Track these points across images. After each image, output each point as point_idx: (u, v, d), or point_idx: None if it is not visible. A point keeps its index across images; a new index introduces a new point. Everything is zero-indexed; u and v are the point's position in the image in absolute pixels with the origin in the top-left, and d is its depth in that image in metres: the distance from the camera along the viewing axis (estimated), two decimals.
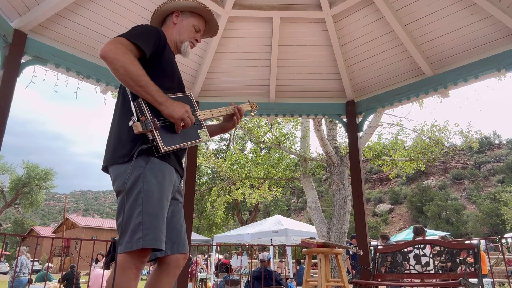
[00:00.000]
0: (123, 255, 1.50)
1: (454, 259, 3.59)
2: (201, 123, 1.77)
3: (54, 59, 3.39)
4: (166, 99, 1.59)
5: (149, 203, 1.54)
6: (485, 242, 6.78)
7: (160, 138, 1.55)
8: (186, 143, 1.66)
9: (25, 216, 41.30)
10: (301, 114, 4.60)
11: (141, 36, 1.67)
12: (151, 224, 1.51)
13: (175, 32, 1.97)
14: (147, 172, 1.58)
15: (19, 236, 40.73)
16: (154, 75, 1.68)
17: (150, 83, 1.56)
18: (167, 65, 1.80)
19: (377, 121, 9.18)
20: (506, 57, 3.41)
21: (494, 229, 35.15)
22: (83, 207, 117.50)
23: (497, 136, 59.88)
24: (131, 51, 1.60)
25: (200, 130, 1.75)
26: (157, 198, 1.56)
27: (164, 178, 1.62)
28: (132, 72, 1.53)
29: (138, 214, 1.52)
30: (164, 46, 1.79)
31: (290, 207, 52.81)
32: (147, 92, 1.56)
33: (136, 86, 1.55)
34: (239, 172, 11.60)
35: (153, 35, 1.73)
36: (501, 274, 11.25)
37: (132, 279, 1.50)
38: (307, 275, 3.68)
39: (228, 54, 4.26)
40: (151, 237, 1.49)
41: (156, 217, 1.53)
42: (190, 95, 1.80)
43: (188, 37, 1.98)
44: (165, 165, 1.65)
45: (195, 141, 1.70)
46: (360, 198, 4.17)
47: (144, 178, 1.56)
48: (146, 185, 1.56)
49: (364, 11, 3.80)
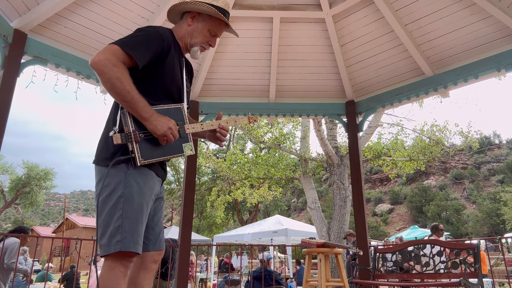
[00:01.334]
0: (107, 259, 1.54)
1: (454, 259, 3.59)
2: (187, 136, 1.76)
3: (54, 59, 3.39)
4: (151, 115, 1.60)
5: (129, 207, 1.56)
6: (485, 242, 6.78)
7: (138, 152, 1.58)
8: (167, 157, 1.69)
9: (25, 216, 41.29)
10: (301, 114, 4.60)
11: (138, 45, 1.63)
12: (131, 228, 1.54)
13: (188, 34, 1.90)
14: (129, 177, 1.60)
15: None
16: (151, 81, 1.69)
17: (135, 99, 1.56)
18: (168, 73, 1.76)
19: (377, 121, 9.18)
20: (506, 57, 3.41)
21: (494, 229, 35.14)
22: (83, 207, 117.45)
23: (497, 136, 59.86)
24: (123, 61, 1.57)
25: (185, 144, 1.74)
26: (138, 203, 1.59)
27: (144, 183, 1.64)
28: (118, 88, 1.53)
29: (118, 217, 1.54)
30: (167, 52, 1.73)
31: (290, 207, 52.80)
32: (132, 108, 1.57)
33: (121, 101, 1.57)
34: (239, 172, 11.59)
35: (154, 44, 1.67)
36: (501, 274, 11.25)
37: (120, 278, 1.53)
38: (307, 275, 3.68)
39: (228, 54, 4.25)
40: (129, 241, 1.52)
41: (135, 221, 1.56)
42: (181, 107, 1.78)
43: (201, 41, 1.90)
44: (147, 171, 1.66)
45: (177, 155, 1.72)
46: (360, 198, 4.17)
47: (126, 183, 1.58)
48: (127, 189, 1.58)
49: (364, 11, 3.80)
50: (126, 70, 1.57)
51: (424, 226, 35.76)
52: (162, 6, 3.57)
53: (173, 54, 1.79)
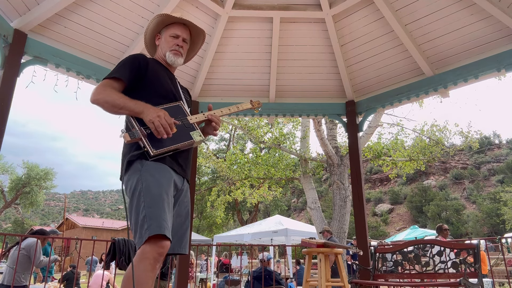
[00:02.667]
0: (140, 247, 1.60)
1: (454, 259, 3.59)
2: (193, 125, 1.89)
3: (54, 59, 3.39)
4: (143, 107, 1.75)
5: (149, 197, 1.66)
6: (485, 242, 6.78)
7: (149, 144, 1.70)
8: (177, 145, 1.78)
9: (25, 216, 41.28)
10: (301, 114, 4.60)
11: (118, 69, 1.89)
12: (153, 214, 1.62)
13: (160, 51, 2.14)
14: (143, 173, 1.73)
15: (19, 236, 40.68)
16: (144, 95, 1.87)
17: (126, 102, 1.75)
18: (154, 83, 1.94)
19: (377, 121, 9.18)
20: (506, 57, 3.41)
21: (494, 229, 35.14)
22: (83, 207, 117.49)
23: (497, 136, 59.87)
24: (111, 86, 1.81)
25: (192, 132, 1.86)
26: (156, 192, 1.68)
27: (160, 175, 1.75)
28: (109, 100, 1.74)
29: (141, 210, 1.65)
30: (146, 68, 1.94)
31: (290, 207, 52.80)
32: (127, 109, 1.75)
33: (119, 110, 1.76)
34: (239, 172, 11.60)
35: (129, 64, 1.91)
36: (501, 274, 11.25)
37: (149, 270, 1.57)
38: (307, 275, 3.68)
39: (228, 54, 4.25)
40: (155, 225, 1.59)
41: (157, 208, 1.64)
42: (180, 104, 1.95)
43: (168, 47, 2.09)
44: (159, 164, 1.77)
45: (187, 142, 1.82)
46: (360, 198, 4.17)
47: (142, 179, 1.71)
48: (144, 183, 1.70)
49: (364, 11, 3.80)
50: (113, 90, 1.80)
51: (424, 226, 35.77)
52: (162, 6, 3.58)
53: (154, 67, 2.00)
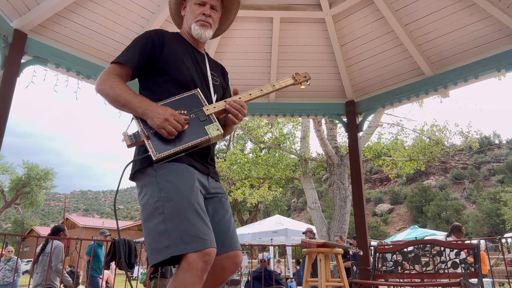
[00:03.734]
0: (185, 257, 1.38)
1: (454, 259, 3.59)
2: (210, 117, 1.58)
3: (54, 59, 3.39)
4: (146, 108, 1.51)
5: (170, 209, 1.43)
6: (485, 242, 6.78)
7: (151, 147, 1.46)
8: (187, 144, 1.49)
9: (25, 216, 41.31)
10: (301, 114, 4.60)
11: (125, 52, 1.65)
12: (177, 229, 1.40)
13: (185, 23, 1.83)
14: (160, 179, 1.49)
15: (19, 236, 40.73)
16: (157, 82, 1.65)
17: (130, 99, 1.52)
18: (170, 66, 1.67)
19: (377, 121, 9.18)
20: (506, 57, 3.41)
21: (494, 229, 35.14)
22: (83, 207, 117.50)
23: (497, 136, 59.89)
24: (118, 74, 1.60)
25: (208, 125, 1.55)
26: (177, 201, 1.45)
27: (179, 178, 1.50)
28: (112, 95, 1.54)
29: (160, 222, 1.43)
30: (161, 47, 1.67)
31: (290, 207, 52.81)
32: (130, 108, 1.53)
33: (120, 107, 1.55)
34: (239, 172, 11.60)
35: (139, 44, 1.66)
36: (501, 274, 11.25)
37: (196, 282, 1.38)
38: (307, 275, 3.68)
39: (228, 54, 4.25)
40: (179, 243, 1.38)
41: (181, 221, 1.42)
42: (196, 93, 1.64)
43: (194, 17, 1.77)
44: (175, 165, 1.52)
45: (201, 139, 1.51)
46: (360, 198, 4.17)
47: (159, 187, 1.48)
48: (162, 192, 1.47)
49: (364, 11, 3.80)
50: (117, 79, 1.58)
51: (424, 226, 35.76)
52: (162, 6, 3.57)
53: (173, 46, 1.72)
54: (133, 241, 4.86)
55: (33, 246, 22.49)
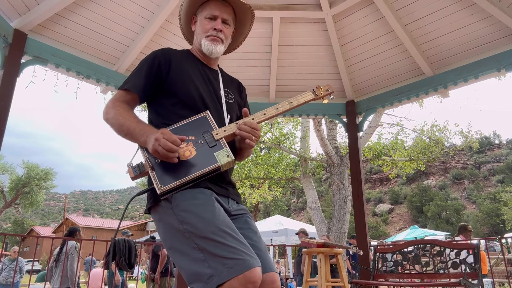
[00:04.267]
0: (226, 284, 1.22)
1: (454, 259, 3.59)
2: (219, 143, 1.45)
3: (54, 59, 3.39)
4: (146, 136, 1.39)
5: (199, 238, 1.30)
6: (485, 242, 6.79)
7: (156, 179, 1.36)
8: (194, 174, 1.37)
9: (25, 216, 41.31)
10: (301, 114, 4.60)
11: (131, 77, 1.57)
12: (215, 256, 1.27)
13: (195, 39, 1.75)
14: (177, 210, 1.36)
15: (19, 236, 40.74)
16: (165, 104, 1.57)
17: (131, 128, 1.43)
18: (178, 87, 1.57)
19: (377, 121, 9.18)
20: (506, 57, 3.41)
21: (494, 229, 35.16)
22: (83, 207, 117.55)
23: (497, 136, 59.94)
24: (125, 100, 1.53)
25: (217, 152, 1.43)
26: (204, 229, 1.31)
27: (196, 205, 1.37)
28: (116, 124, 1.46)
29: (197, 254, 1.29)
30: (168, 68, 1.58)
31: (290, 207, 52.83)
32: (133, 137, 1.44)
33: (125, 136, 1.46)
34: (239, 172, 11.59)
35: (144, 67, 1.57)
36: (501, 274, 11.25)
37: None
38: (307, 275, 3.68)
39: (228, 54, 4.23)
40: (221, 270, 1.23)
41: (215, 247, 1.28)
42: (206, 115, 1.52)
43: (204, 32, 1.68)
44: (189, 191, 1.40)
45: (210, 168, 1.39)
46: (360, 198, 4.17)
47: (179, 219, 1.35)
48: (185, 225, 1.33)
49: (364, 11, 3.80)
50: (122, 106, 1.50)
51: (424, 226, 35.79)
52: (162, 6, 3.57)
53: (181, 65, 1.63)
54: (133, 241, 4.87)
55: (33, 246, 22.35)
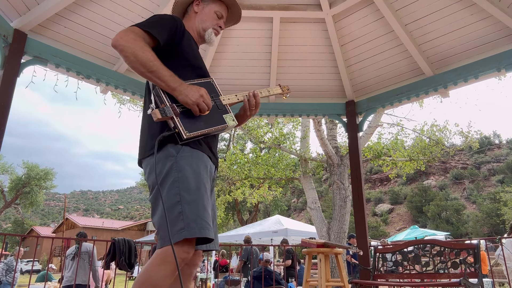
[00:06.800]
0: (164, 248, 1.40)
1: (454, 259, 3.59)
2: (226, 108, 1.68)
3: (54, 59, 3.39)
4: (180, 84, 1.52)
5: (186, 191, 1.44)
6: (485, 242, 6.79)
7: (181, 125, 1.47)
8: (211, 129, 1.56)
9: (25, 216, 41.31)
10: (301, 114, 4.60)
11: (154, 24, 1.62)
12: (192, 213, 1.42)
13: (197, 21, 1.89)
14: (180, 160, 1.49)
15: (19, 236, 40.74)
16: (175, 65, 1.63)
17: (161, 68, 1.50)
18: (188, 53, 1.72)
19: (377, 121, 9.17)
20: (506, 57, 3.41)
21: (494, 229, 35.14)
22: (83, 207, 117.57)
23: (497, 136, 59.92)
24: (144, 39, 1.55)
25: (225, 115, 1.65)
26: (195, 186, 1.47)
27: (198, 165, 1.53)
28: (142, 57, 1.48)
29: (176, 204, 1.43)
30: (182, 35, 1.71)
31: (290, 207, 52.83)
32: (159, 78, 1.49)
33: (147, 73, 1.49)
34: (239, 172, 11.59)
35: (168, 23, 1.66)
36: (501, 274, 11.25)
37: (169, 276, 1.39)
38: (307, 275, 3.68)
39: (228, 54, 4.26)
40: (193, 226, 1.39)
41: (196, 206, 1.44)
42: (212, 81, 1.72)
43: (211, 24, 1.89)
44: (197, 152, 1.56)
45: (221, 126, 1.60)
46: (360, 198, 4.17)
47: (178, 167, 1.48)
48: (180, 173, 1.47)
49: (364, 11, 3.80)
50: (147, 44, 1.55)
51: (424, 226, 35.77)
52: (162, 6, 3.57)
53: (189, 38, 1.77)
54: (133, 241, 4.87)
55: (33, 246, 22.39)
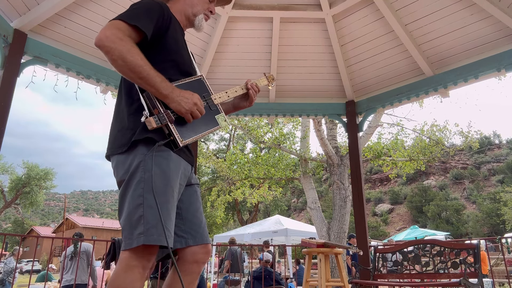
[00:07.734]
0: (126, 252, 1.36)
1: (454, 259, 3.59)
2: (217, 107, 1.64)
3: (54, 59, 3.39)
4: (172, 91, 1.43)
5: (150, 193, 1.37)
6: (485, 242, 6.79)
7: (176, 132, 1.43)
8: (204, 133, 1.54)
9: (25, 216, 41.32)
10: (301, 114, 4.60)
11: (140, 15, 1.49)
12: (154, 218, 1.35)
13: (187, 4, 1.77)
14: (148, 160, 1.41)
15: (19, 236, 40.74)
16: (158, 59, 1.54)
17: (152, 74, 1.39)
18: (172, 46, 1.61)
19: (377, 121, 9.18)
20: (506, 57, 3.41)
21: (494, 229, 35.14)
22: (83, 207, 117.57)
23: (497, 136, 59.90)
24: (130, 36, 1.43)
25: (217, 115, 1.61)
26: (160, 188, 1.40)
27: (168, 166, 1.46)
28: (131, 62, 1.36)
29: (138, 206, 1.37)
30: (168, 24, 1.58)
31: (290, 207, 52.83)
32: (150, 84, 1.40)
33: (137, 78, 1.40)
34: (239, 172, 11.59)
35: (155, 13, 1.53)
36: (501, 274, 11.25)
37: (138, 279, 1.35)
38: (307, 275, 3.68)
39: (228, 54, 4.25)
40: (153, 232, 1.34)
41: (159, 210, 1.37)
42: (202, 78, 1.65)
43: (202, 8, 1.79)
44: (169, 153, 1.48)
45: (213, 128, 1.58)
46: (360, 198, 4.17)
47: (145, 167, 1.41)
48: (146, 174, 1.40)
49: (364, 11, 3.80)
50: (135, 45, 1.43)
51: (424, 226, 35.78)
52: None
53: (176, 27, 1.65)
54: None
55: (33, 246, 22.39)
